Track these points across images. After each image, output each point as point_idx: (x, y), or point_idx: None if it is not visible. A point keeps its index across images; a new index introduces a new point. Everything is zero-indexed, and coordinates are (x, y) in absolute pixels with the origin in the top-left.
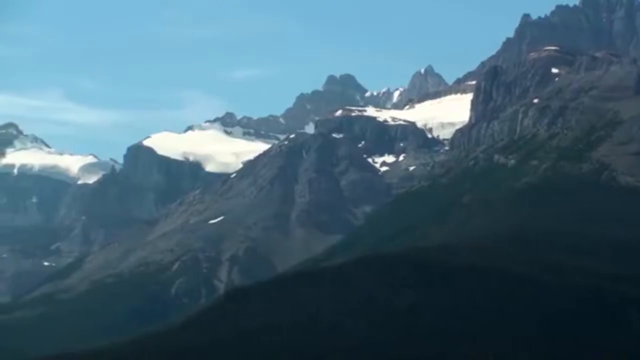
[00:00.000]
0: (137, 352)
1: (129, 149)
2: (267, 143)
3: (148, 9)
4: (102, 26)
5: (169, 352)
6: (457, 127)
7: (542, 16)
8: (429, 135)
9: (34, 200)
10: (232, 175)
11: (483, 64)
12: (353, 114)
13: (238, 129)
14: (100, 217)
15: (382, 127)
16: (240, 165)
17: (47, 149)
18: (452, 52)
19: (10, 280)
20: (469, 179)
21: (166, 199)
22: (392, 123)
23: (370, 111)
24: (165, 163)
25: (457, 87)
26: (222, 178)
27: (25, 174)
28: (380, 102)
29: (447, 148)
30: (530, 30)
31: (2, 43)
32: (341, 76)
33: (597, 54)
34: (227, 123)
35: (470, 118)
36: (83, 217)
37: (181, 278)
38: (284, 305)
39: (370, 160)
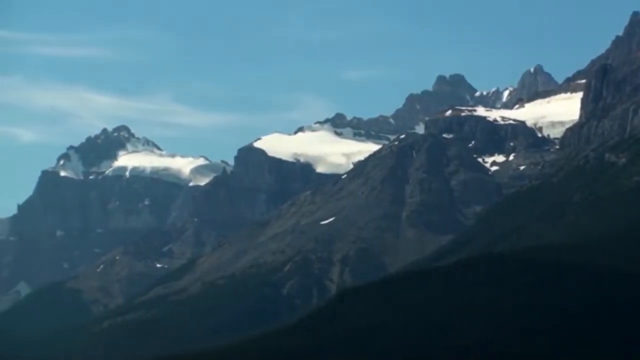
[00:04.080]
0: (249, 353)
1: (240, 151)
2: (378, 144)
3: (256, 12)
4: (211, 29)
5: (281, 353)
6: (567, 126)
7: None
8: (539, 135)
9: (146, 202)
10: (343, 176)
11: (593, 62)
12: (463, 114)
13: (348, 130)
14: (212, 219)
15: (492, 127)
16: (351, 166)
17: (159, 152)
18: (561, 51)
19: (124, 282)
20: (579, 178)
21: (277, 200)
22: (502, 122)
23: (480, 111)
24: (276, 164)
25: (567, 85)
26: (332, 179)
27: (138, 176)
28: (490, 101)
29: (557, 147)
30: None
31: (114, 47)
32: (451, 76)
33: None
34: (337, 124)
35: (581, 117)
36: (195, 219)
37: (293, 279)
38: (395, 305)
39: (480, 160)
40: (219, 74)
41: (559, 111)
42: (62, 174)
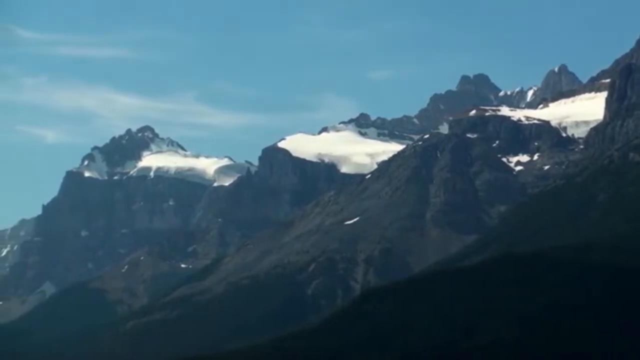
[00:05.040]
0: (273, 353)
1: (264, 151)
2: (402, 144)
3: (280, 12)
4: (235, 29)
5: (306, 354)
6: (592, 125)
7: None
8: (564, 134)
9: (171, 203)
10: (367, 176)
11: (617, 61)
12: (487, 114)
13: (372, 130)
14: (236, 219)
15: (516, 127)
16: (375, 166)
17: (183, 152)
18: (585, 50)
19: (148, 283)
20: (604, 177)
21: (301, 200)
22: (526, 122)
23: (504, 110)
24: (301, 164)
25: (591, 85)
26: (357, 179)
27: (162, 177)
28: (514, 101)
29: (581, 147)
30: None
31: (138, 48)
32: (475, 76)
33: None
34: (362, 124)
35: (605, 116)
36: (219, 220)
37: (317, 279)
38: (419, 305)
39: (504, 159)
40: (243, 74)
41: (583, 111)
42: (87, 174)
